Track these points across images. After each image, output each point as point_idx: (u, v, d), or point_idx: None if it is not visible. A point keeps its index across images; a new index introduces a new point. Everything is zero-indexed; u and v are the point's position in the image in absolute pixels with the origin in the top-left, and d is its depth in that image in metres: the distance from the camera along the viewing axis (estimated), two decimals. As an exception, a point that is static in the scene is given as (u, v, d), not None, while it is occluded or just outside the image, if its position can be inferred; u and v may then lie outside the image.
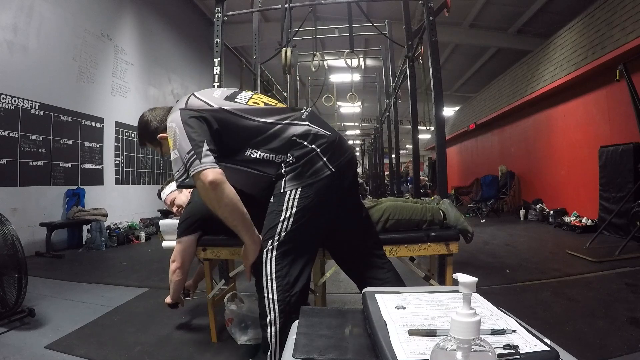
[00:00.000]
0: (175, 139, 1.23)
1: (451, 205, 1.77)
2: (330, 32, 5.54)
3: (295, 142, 1.28)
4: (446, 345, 0.41)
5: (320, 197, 1.27)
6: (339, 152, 1.31)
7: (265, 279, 1.23)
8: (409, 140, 10.81)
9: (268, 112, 1.34)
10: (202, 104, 1.31)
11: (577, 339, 1.79)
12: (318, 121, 1.36)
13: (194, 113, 1.26)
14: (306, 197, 1.25)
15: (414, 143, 3.63)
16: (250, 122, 1.30)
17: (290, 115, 1.35)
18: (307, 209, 1.25)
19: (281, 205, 1.26)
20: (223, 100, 1.34)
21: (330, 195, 1.30)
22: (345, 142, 1.38)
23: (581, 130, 5.81)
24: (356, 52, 3.67)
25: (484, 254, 3.90)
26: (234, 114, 1.30)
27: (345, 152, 1.33)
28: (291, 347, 0.60)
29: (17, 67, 4.19)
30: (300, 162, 1.26)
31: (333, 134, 1.32)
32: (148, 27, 6.85)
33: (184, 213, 1.83)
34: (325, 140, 1.29)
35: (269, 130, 1.30)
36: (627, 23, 4.32)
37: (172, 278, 1.83)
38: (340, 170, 1.29)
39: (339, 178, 1.30)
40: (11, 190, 4.10)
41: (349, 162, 1.36)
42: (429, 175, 12.12)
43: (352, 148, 1.46)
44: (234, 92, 1.41)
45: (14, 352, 1.77)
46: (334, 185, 1.30)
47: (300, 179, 1.26)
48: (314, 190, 1.26)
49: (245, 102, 1.36)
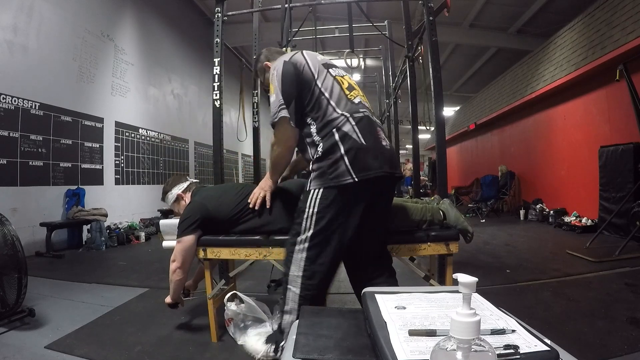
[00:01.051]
0: (274, 86, 1.42)
1: (451, 205, 1.77)
2: (330, 32, 5.53)
3: (330, 133, 1.35)
4: (446, 345, 0.41)
5: (341, 202, 1.32)
6: (373, 162, 1.32)
7: (293, 275, 1.37)
8: (409, 140, 10.81)
9: (338, 92, 1.43)
10: (304, 62, 1.45)
11: (577, 339, 1.79)
12: (366, 124, 1.38)
13: (291, 69, 1.41)
14: (326, 199, 1.33)
15: (414, 143, 3.62)
16: (320, 94, 1.40)
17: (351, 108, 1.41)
18: (326, 213, 1.33)
19: (304, 204, 1.36)
20: (321, 65, 1.47)
21: (354, 200, 1.33)
22: (385, 156, 1.37)
23: (581, 130, 5.81)
24: (356, 52, 3.66)
25: (484, 254, 3.90)
26: (318, 86, 1.41)
27: (378, 166, 1.33)
28: (291, 347, 0.60)
29: (17, 67, 4.19)
30: (325, 160, 1.34)
31: (371, 145, 1.33)
32: (148, 27, 6.85)
33: (184, 213, 1.83)
34: (358, 146, 1.32)
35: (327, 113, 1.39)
36: (627, 23, 4.32)
37: (172, 278, 1.83)
38: (368, 181, 1.31)
39: (364, 188, 1.32)
40: (11, 190, 4.10)
41: (382, 178, 1.34)
42: (429, 175, 12.11)
43: (394, 161, 1.44)
44: (331, 64, 1.53)
45: (14, 352, 1.77)
46: (361, 194, 1.33)
47: (324, 181, 1.34)
48: (334, 194, 1.32)
49: (334, 75, 1.46)
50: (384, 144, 1.40)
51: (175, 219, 1.93)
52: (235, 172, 10.89)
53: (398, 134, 5.24)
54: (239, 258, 1.80)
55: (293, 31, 3.29)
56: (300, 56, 1.47)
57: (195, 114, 8.92)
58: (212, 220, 1.78)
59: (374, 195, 1.38)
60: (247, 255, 1.77)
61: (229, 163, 10.27)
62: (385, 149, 1.39)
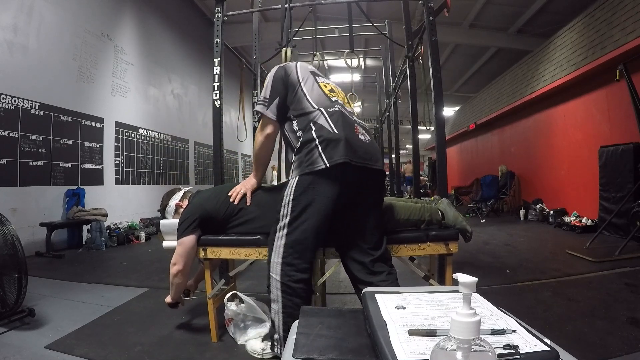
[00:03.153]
0: (265, 85, 1.62)
1: (449, 205, 1.77)
2: (330, 32, 5.53)
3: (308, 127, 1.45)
4: (446, 345, 0.41)
5: (315, 188, 1.39)
6: (343, 150, 1.37)
7: (273, 262, 1.44)
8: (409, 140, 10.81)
9: (319, 93, 1.57)
10: (293, 68, 1.61)
11: (577, 339, 1.79)
12: (340, 118, 1.47)
13: (282, 72, 1.59)
14: (301, 186, 1.41)
15: (414, 143, 3.63)
16: (302, 95, 1.54)
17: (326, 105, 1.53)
18: (301, 198, 1.40)
19: (283, 193, 1.45)
20: (309, 73, 1.63)
21: (327, 186, 1.39)
22: (359, 145, 1.44)
23: (581, 130, 5.81)
24: (356, 52, 3.66)
25: (484, 254, 3.90)
26: (302, 89, 1.55)
27: (351, 154, 1.39)
28: (291, 347, 0.60)
29: (17, 67, 4.19)
30: (302, 151, 1.43)
31: (342, 134, 1.40)
32: (148, 27, 6.85)
33: (183, 214, 1.84)
34: (330, 136, 1.40)
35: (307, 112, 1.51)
36: (627, 23, 4.31)
37: (174, 281, 1.83)
38: (339, 167, 1.36)
39: (336, 174, 1.38)
40: (11, 190, 4.10)
41: (357, 168, 1.40)
42: (429, 175, 12.11)
43: (372, 154, 1.49)
44: (319, 73, 1.70)
45: (14, 352, 1.77)
46: (333, 180, 1.38)
47: (300, 169, 1.42)
48: (309, 181, 1.40)
49: (318, 82, 1.61)
50: (360, 137, 1.47)
51: (175, 219, 1.93)
52: (235, 172, 10.89)
53: (398, 134, 5.25)
54: (239, 258, 1.80)
55: (293, 31, 3.29)
56: (292, 64, 1.65)
57: (195, 114, 8.92)
58: (211, 220, 1.78)
59: (351, 185, 1.42)
60: (247, 255, 1.77)
61: (229, 163, 10.28)
62: (361, 141, 1.46)
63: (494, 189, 7.85)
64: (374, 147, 1.53)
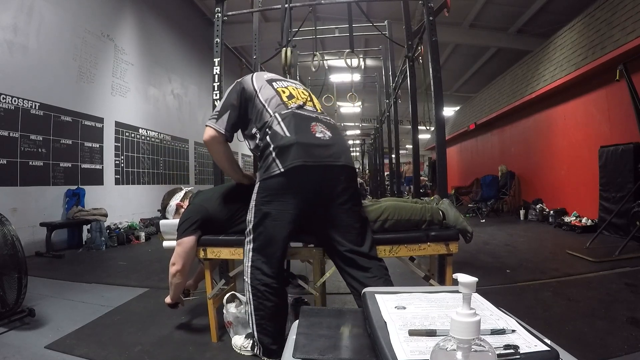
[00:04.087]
0: (221, 99, 1.65)
1: (450, 205, 1.77)
2: (330, 32, 5.53)
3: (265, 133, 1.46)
4: (446, 345, 0.41)
5: (273, 194, 1.43)
6: (296, 153, 1.39)
7: (245, 266, 1.52)
8: (409, 140, 10.81)
9: (276, 100, 1.55)
10: (249, 80, 1.62)
11: (577, 339, 1.79)
12: (298, 118, 1.47)
13: (238, 87, 1.61)
14: (261, 192, 1.45)
15: (414, 143, 3.62)
16: (260, 105, 1.54)
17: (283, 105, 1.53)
18: (261, 205, 1.45)
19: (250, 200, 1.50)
20: (265, 81, 1.62)
21: (285, 190, 1.41)
22: (318, 148, 1.43)
23: (581, 130, 5.81)
24: (356, 52, 3.66)
25: (484, 254, 3.90)
26: (259, 98, 1.55)
27: (305, 155, 1.39)
28: (291, 347, 0.60)
29: (17, 67, 4.19)
30: (262, 159, 1.46)
31: (294, 137, 1.40)
32: (148, 27, 6.84)
33: (183, 214, 1.84)
34: (283, 140, 1.41)
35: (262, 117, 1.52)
36: (627, 23, 4.31)
37: (172, 281, 1.83)
38: (295, 170, 1.38)
39: (293, 177, 1.39)
40: (11, 190, 4.10)
41: (315, 168, 1.40)
42: (429, 175, 12.11)
43: (333, 151, 1.47)
44: (277, 78, 1.68)
45: (14, 352, 1.77)
46: (289, 184, 1.41)
47: (260, 175, 1.46)
48: (267, 186, 1.43)
49: (275, 87, 1.60)
50: (318, 135, 1.46)
51: (175, 219, 1.93)
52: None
53: (398, 134, 5.24)
54: (239, 258, 1.80)
55: (293, 31, 3.29)
56: (249, 76, 1.67)
57: (195, 114, 8.92)
58: (212, 221, 1.78)
59: (313, 185, 1.42)
60: (247, 255, 1.76)
61: (229, 163, 10.25)
62: (319, 140, 1.45)
63: (494, 189, 7.85)
64: (336, 143, 1.50)
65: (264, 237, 1.46)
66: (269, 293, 1.47)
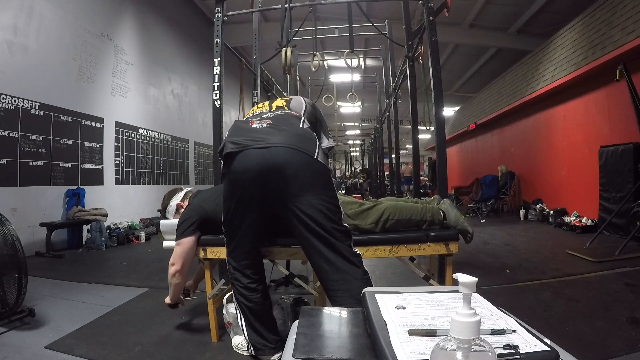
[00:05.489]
0: None
1: (451, 206, 1.77)
2: (330, 32, 5.54)
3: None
4: (446, 345, 0.41)
5: (227, 196, 1.46)
6: (228, 147, 1.39)
7: (228, 265, 1.59)
8: (409, 140, 10.81)
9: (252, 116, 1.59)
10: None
11: (577, 339, 1.79)
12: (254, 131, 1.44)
13: None
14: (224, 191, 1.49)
15: (414, 143, 3.63)
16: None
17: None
18: (223, 201, 1.50)
19: None
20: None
21: (233, 184, 1.42)
22: (254, 157, 1.34)
23: (581, 130, 5.81)
24: (356, 52, 3.67)
25: (484, 254, 3.90)
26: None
27: (239, 143, 1.38)
28: (291, 347, 0.60)
29: (17, 67, 4.19)
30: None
31: (240, 147, 1.37)
32: (148, 27, 6.84)
33: (182, 215, 1.84)
34: (221, 147, 1.43)
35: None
36: (627, 23, 4.31)
37: (172, 281, 1.83)
38: (227, 162, 1.41)
39: (232, 170, 1.39)
40: (11, 190, 4.10)
41: (255, 176, 1.34)
42: (429, 175, 12.11)
43: (264, 135, 1.39)
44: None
45: (14, 352, 1.77)
46: (230, 177, 1.42)
47: None
48: (225, 186, 1.47)
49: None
50: (254, 127, 1.45)
51: (175, 219, 1.93)
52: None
53: (398, 134, 5.25)
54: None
55: (293, 31, 3.30)
56: None
57: (195, 114, 8.92)
58: (211, 221, 1.78)
59: (249, 174, 1.34)
60: (247, 255, 1.76)
61: (229, 163, 10.25)
62: (250, 129, 1.44)
63: (494, 189, 7.85)
64: (275, 130, 1.40)
65: (229, 234, 1.52)
66: (249, 293, 1.53)
